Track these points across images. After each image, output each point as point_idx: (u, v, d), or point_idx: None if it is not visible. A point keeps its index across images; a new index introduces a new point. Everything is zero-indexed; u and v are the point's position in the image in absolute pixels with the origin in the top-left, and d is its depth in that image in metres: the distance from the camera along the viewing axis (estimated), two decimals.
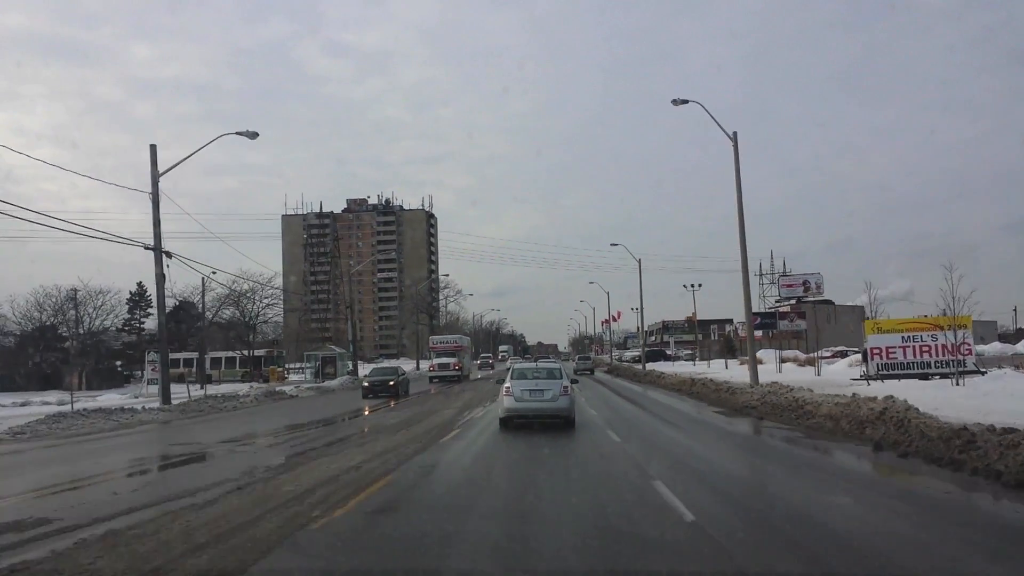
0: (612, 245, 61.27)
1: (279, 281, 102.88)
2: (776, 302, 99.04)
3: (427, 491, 10.16)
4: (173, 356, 66.75)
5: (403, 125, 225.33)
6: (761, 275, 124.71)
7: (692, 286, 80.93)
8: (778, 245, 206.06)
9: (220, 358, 62.74)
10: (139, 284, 76.56)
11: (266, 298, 61.11)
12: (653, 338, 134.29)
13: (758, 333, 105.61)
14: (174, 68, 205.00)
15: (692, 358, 79.67)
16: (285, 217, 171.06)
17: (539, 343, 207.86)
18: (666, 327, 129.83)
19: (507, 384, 17.04)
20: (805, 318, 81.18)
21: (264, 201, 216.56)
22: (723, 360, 71.16)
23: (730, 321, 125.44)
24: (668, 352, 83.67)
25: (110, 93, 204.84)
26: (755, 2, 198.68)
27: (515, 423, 17.13)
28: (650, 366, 64.32)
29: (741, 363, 59.61)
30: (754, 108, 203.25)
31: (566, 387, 17.13)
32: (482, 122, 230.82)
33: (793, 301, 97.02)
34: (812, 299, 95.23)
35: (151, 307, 76.79)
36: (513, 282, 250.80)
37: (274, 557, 6.54)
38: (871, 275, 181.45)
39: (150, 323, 78.94)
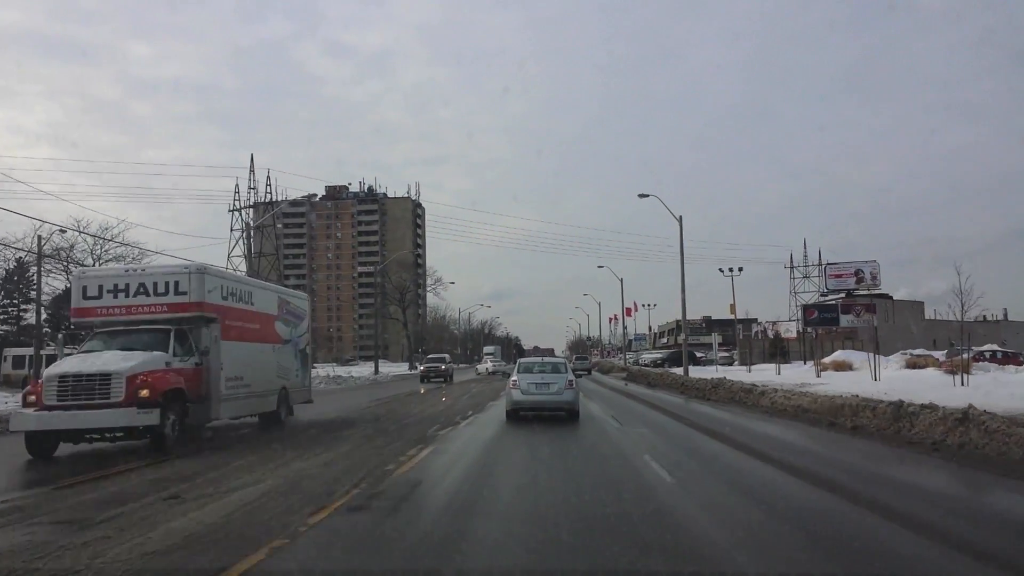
0: (641, 196, 38.63)
1: (134, 236, 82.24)
2: (821, 296, 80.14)
3: None
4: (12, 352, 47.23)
5: (402, 127, 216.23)
6: (792, 267, 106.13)
7: (731, 270, 61.93)
8: (778, 248, 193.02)
9: (44, 355, 41.80)
10: (18, 261, 57.16)
11: (104, 260, 40.61)
12: (665, 340, 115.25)
13: (773, 332, 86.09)
14: (173, 67, 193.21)
15: (730, 361, 60.30)
16: (258, 205, 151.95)
17: (535, 347, 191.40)
18: (680, 327, 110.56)
19: (514, 378, 16.64)
20: (875, 312, 62.13)
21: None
22: (780, 363, 52.16)
23: (755, 320, 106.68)
24: (699, 355, 64.21)
25: (108, 92, 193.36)
26: (756, 3, 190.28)
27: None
28: (679, 372, 45.48)
29: (822, 368, 40.57)
30: (755, 109, 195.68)
31: (571, 381, 16.73)
32: (482, 124, 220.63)
33: (842, 295, 78.00)
34: (866, 292, 76.11)
35: (33, 290, 57.89)
36: (511, 286, 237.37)
37: None
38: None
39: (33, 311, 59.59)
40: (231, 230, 66.78)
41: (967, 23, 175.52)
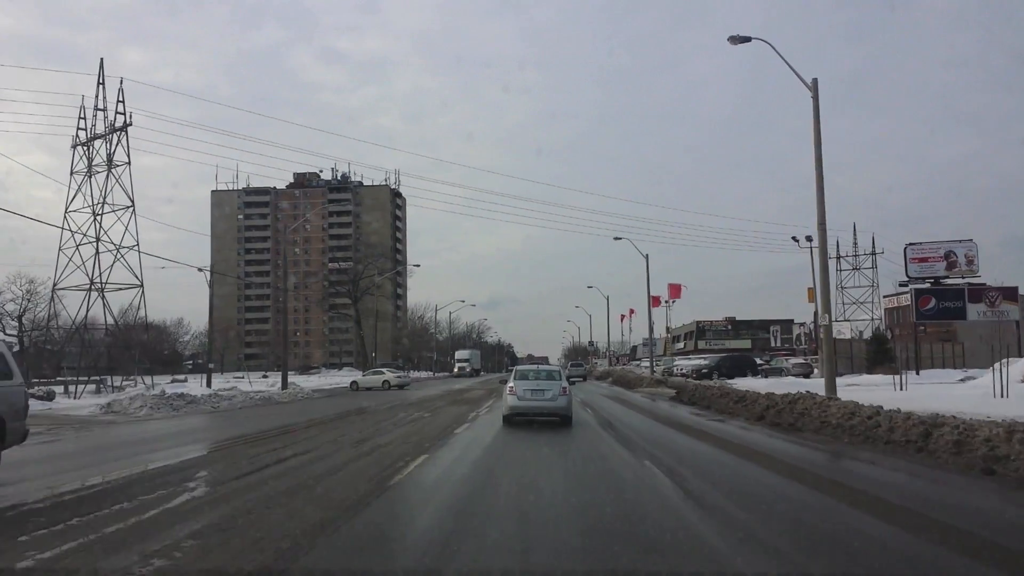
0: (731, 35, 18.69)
1: None
2: (900, 285, 60.88)
3: None
4: None
5: (399, 134, 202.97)
6: (839, 258, 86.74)
7: (808, 239, 42.57)
8: (777, 256, 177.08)
9: None
10: None
11: None
12: (681, 345, 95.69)
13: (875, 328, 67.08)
14: (167, 74, 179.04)
15: (806, 371, 40.78)
16: (216, 193, 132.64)
17: (529, 355, 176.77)
18: (701, 330, 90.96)
19: (511, 384, 16.70)
20: (1017, 300, 42.87)
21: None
22: (893, 372, 33.03)
23: (789, 322, 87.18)
24: (760, 362, 44.31)
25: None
26: (755, 13, 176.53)
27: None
28: (740, 384, 26.67)
29: None
30: (754, 118, 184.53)
31: (565, 388, 16.57)
32: (479, 131, 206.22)
33: (927, 284, 58.77)
34: (960, 279, 56.75)
35: None
36: (506, 294, 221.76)
37: None
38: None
39: None
40: (71, 173, 43.82)
41: (968, 31, 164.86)
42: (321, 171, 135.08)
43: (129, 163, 36.17)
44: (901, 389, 24.73)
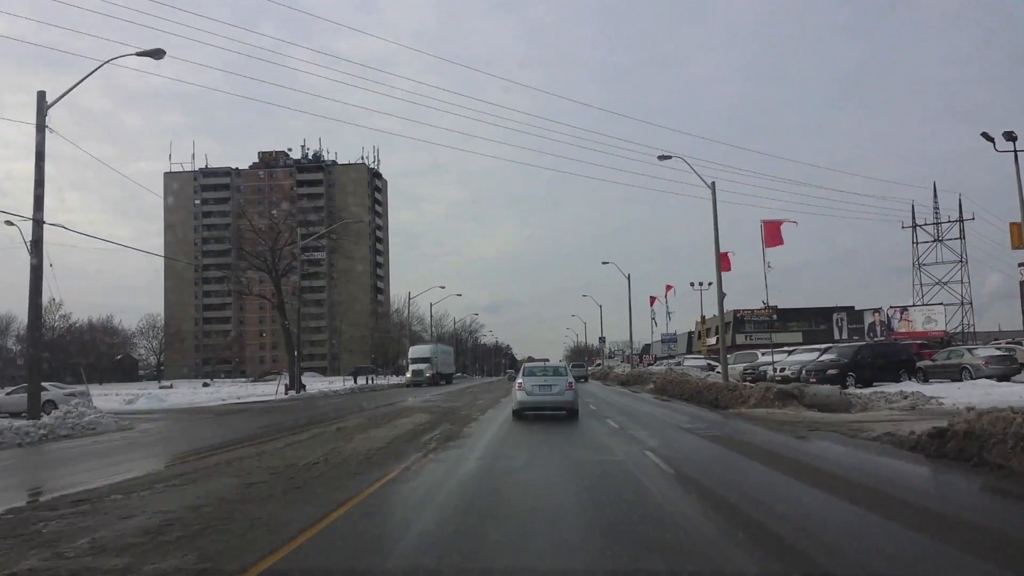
0: None
1: None
2: None
3: None
4: None
5: (396, 136, 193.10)
6: (915, 227, 69.22)
7: (1011, 138, 25.29)
8: (778, 255, 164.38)
9: None
10: None
11: None
12: (713, 340, 79.03)
13: None
14: (163, 77, 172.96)
15: (1010, 369, 23.29)
16: (168, 175, 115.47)
17: (529, 357, 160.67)
18: (739, 320, 73.76)
19: (519, 380, 18.17)
20: None
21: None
22: None
23: (850, 308, 70.20)
24: (921, 363, 26.45)
25: (96, 103, 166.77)
26: (755, 10, 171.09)
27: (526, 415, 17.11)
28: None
29: None
30: (754, 117, 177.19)
31: (571, 382, 17.89)
32: (478, 132, 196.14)
33: None
34: None
35: None
36: (507, 297, 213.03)
37: None
38: (879, 288, 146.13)
39: None
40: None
41: (969, 27, 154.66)
42: (290, 149, 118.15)
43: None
44: None
